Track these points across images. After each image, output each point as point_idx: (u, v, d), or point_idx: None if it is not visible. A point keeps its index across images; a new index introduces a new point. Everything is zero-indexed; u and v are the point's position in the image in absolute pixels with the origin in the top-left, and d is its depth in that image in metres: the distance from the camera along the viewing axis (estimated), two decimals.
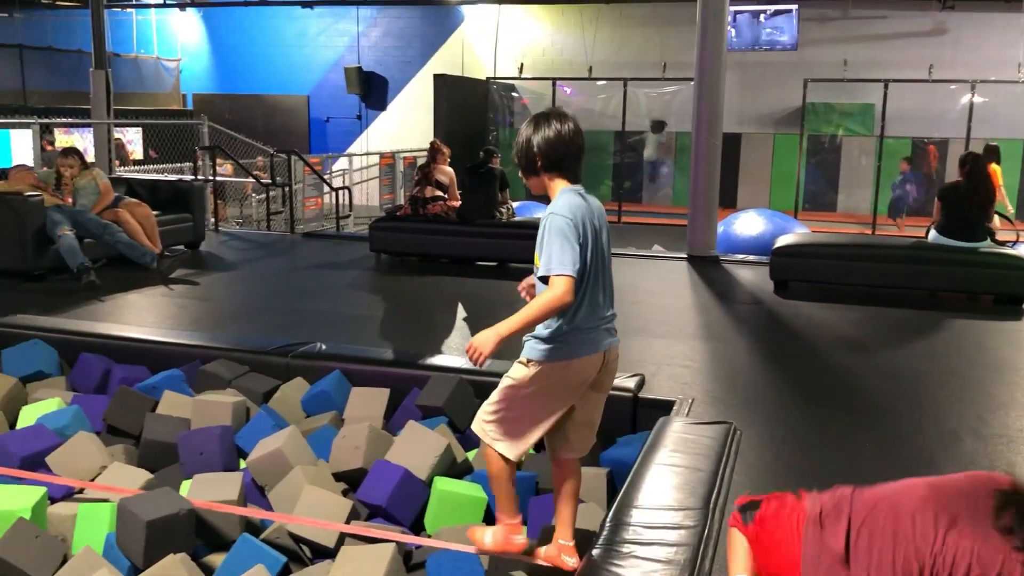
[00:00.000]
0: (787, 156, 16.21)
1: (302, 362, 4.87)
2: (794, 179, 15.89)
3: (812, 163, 16.39)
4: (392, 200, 13.61)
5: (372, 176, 15.27)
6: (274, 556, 3.26)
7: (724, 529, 2.89)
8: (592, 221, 2.69)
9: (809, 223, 12.66)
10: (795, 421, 4.10)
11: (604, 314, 2.74)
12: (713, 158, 8.46)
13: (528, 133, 2.76)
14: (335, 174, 15.22)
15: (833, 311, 6.41)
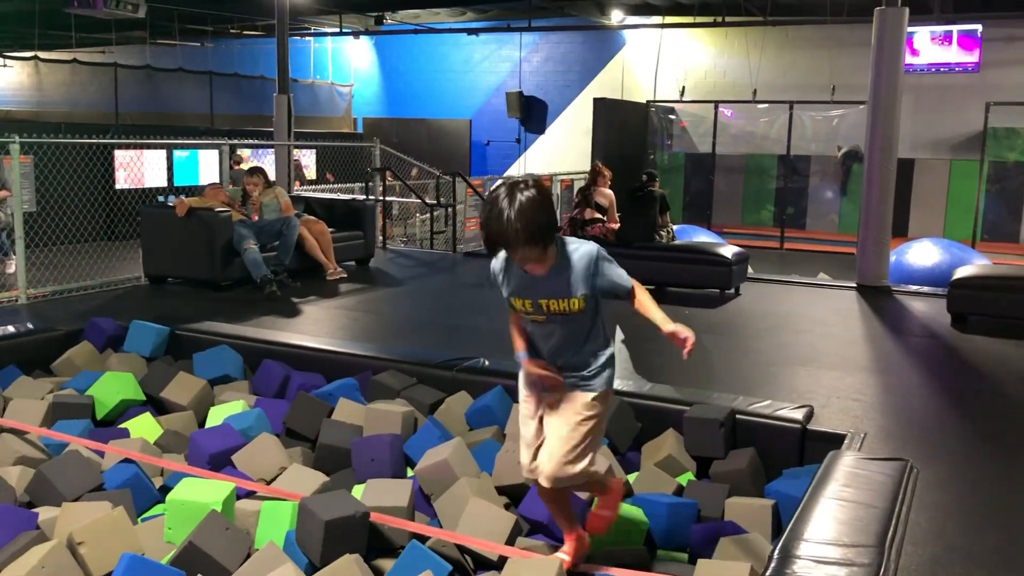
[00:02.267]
0: (964, 183, 15.32)
1: (466, 376, 5.02)
2: (972, 207, 15.01)
3: (992, 191, 15.43)
4: None
5: None
6: (441, 564, 3.36)
7: (900, 569, 2.78)
8: None
9: (989, 254, 11.92)
10: (977, 461, 3.88)
11: None
12: (887, 184, 8.14)
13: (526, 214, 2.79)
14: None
15: (1019, 348, 6.01)
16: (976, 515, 3.29)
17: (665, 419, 4.47)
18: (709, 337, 6.44)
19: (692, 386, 4.96)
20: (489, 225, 2.78)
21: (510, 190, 2.76)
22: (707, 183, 17.05)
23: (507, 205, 2.72)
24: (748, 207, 17.16)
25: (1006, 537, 3.08)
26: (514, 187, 2.76)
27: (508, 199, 2.73)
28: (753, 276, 8.94)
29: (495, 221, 2.75)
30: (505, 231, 2.73)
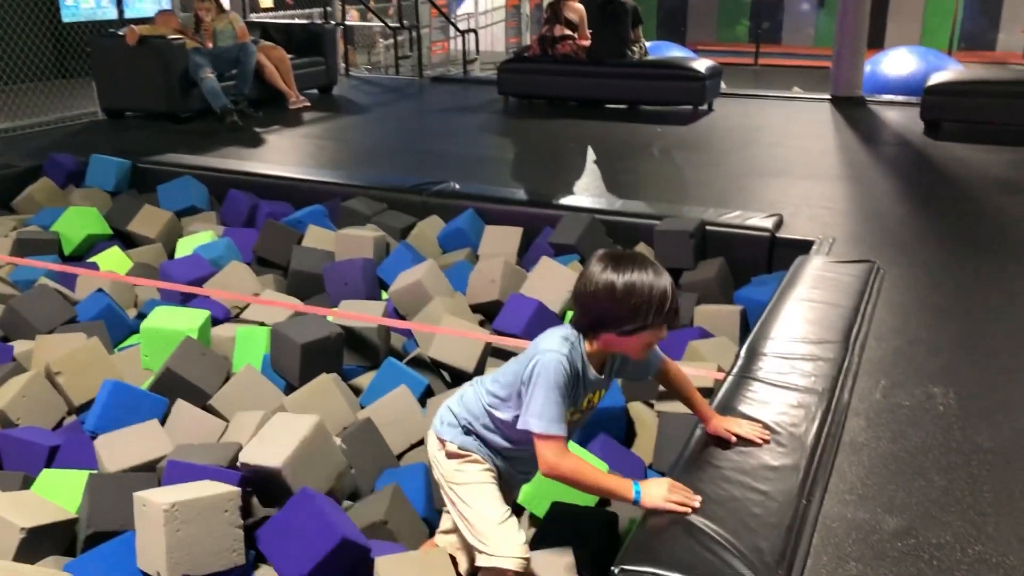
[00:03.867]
0: None
1: (437, 200, 4.97)
2: (950, 15, 14.66)
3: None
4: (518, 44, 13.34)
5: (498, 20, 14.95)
6: (417, 378, 3.43)
7: (864, 362, 2.86)
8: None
9: (966, 63, 11.74)
10: (944, 263, 3.93)
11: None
12: None
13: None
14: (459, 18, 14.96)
15: (990, 152, 6.00)
16: (938, 310, 3.37)
17: (636, 234, 4.48)
18: (681, 153, 6.39)
19: (663, 201, 4.95)
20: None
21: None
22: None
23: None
24: (723, 22, 16.70)
25: (965, 329, 3.17)
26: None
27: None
28: (727, 92, 8.78)
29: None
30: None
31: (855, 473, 2.25)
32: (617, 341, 2.05)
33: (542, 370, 2.00)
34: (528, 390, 2.02)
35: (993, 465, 2.28)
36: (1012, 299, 3.45)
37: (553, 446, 2.00)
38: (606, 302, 1.98)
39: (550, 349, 2.03)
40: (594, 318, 2.03)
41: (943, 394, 2.67)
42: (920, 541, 1.98)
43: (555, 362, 2.00)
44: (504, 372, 2.17)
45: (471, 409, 2.21)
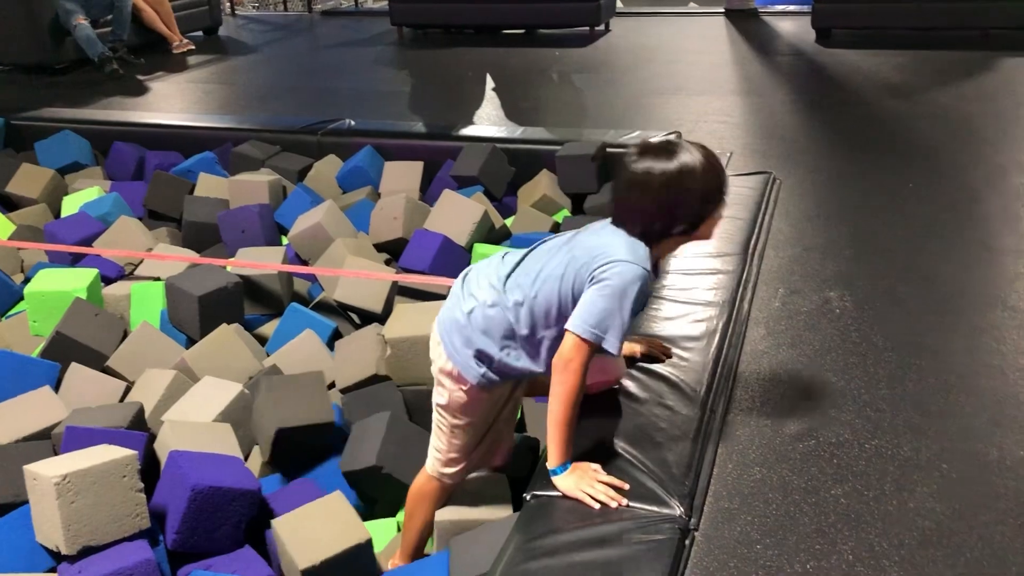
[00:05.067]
0: None
1: (333, 139, 4.83)
2: None
3: None
4: None
5: None
6: (324, 322, 3.37)
7: (762, 272, 2.91)
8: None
9: None
10: (837, 168, 4.01)
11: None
12: None
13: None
14: None
15: (878, 57, 6.12)
16: (832, 216, 3.44)
17: (538, 161, 4.44)
18: (580, 76, 6.34)
19: (563, 126, 4.91)
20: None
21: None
22: None
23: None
24: None
25: (859, 232, 3.25)
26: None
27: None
28: (623, 10, 8.71)
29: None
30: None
31: (757, 381, 2.29)
32: (684, 238, 1.86)
33: (620, 281, 1.76)
34: (595, 294, 1.77)
35: (888, 362, 2.36)
36: (903, 200, 3.55)
37: (584, 351, 1.78)
38: (677, 195, 1.78)
39: (632, 262, 1.78)
40: (667, 219, 1.81)
41: (839, 297, 2.73)
42: (820, 441, 2.04)
43: (636, 277, 1.76)
44: (535, 277, 1.86)
45: (493, 334, 1.90)
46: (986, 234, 3.17)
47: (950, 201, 3.48)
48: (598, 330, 1.77)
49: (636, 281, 1.77)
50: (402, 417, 2.78)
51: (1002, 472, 1.90)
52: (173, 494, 2.15)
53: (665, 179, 1.78)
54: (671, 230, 1.83)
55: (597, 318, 1.77)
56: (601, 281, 1.78)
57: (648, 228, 1.82)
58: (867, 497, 1.84)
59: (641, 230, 1.82)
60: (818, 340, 2.49)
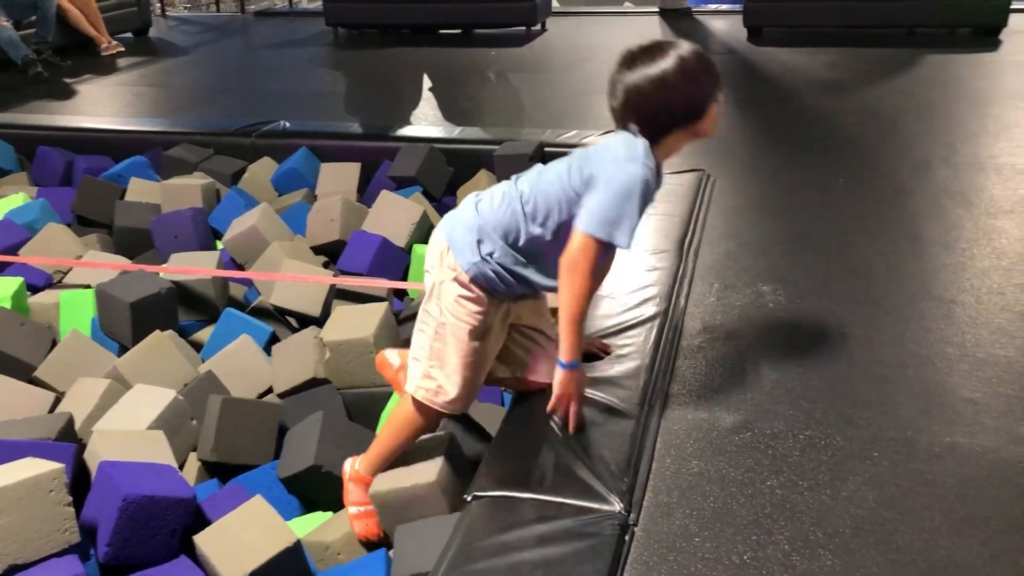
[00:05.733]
0: None
1: (267, 141, 4.77)
2: None
3: None
4: None
5: None
6: (260, 327, 3.31)
7: (697, 267, 2.94)
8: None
9: None
10: (770, 164, 4.08)
11: None
12: None
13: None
14: None
15: (808, 55, 6.24)
16: (765, 212, 3.50)
17: (477, 160, 4.44)
18: (517, 75, 6.35)
19: (502, 125, 4.92)
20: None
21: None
22: None
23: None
24: None
25: (790, 227, 3.30)
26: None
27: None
28: (559, 10, 8.76)
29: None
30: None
31: (693, 375, 2.32)
32: (687, 134, 1.89)
33: (628, 181, 1.81)
34: (601, 193, 1.82)
35: (819, 354, 2.40)
36: (834, 195, 3.62)
37: (593, 249, 1.83)
38: (673, 90, 1.82)
39: (635, 160, 1.82)
40: (665, 116, 1.85)
41: (772, 291, 2.77)
42: (756, 433, 2.06)
43: (641, 175, 1.81)
44: (541, 172, 1.94)
45: (499, 224, 1.92)
46: (913, 226, 3.25)
47: (879, 195, 3.56)
48: (607, 227, 1.82)
49: (641, 179, 1.82)
50: (339, 417, 2.75)
51: (930, 459, 1.95)
52: (104, 506, 2.10)
53: (663, 75, 1.82)
54: (675, 125, 1.87)
55: (605, 216, 1.82)
56: (607, 181, 1.83)
57: (652, 126, 1.86)
58: (802, 487, 1.87)
59: (647, 130, 1.86)
60: (753, 333, 2.53)
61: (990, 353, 2.35)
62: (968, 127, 4.51)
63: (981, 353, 2.36)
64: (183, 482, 2.27)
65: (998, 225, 3.20)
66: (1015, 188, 3.54)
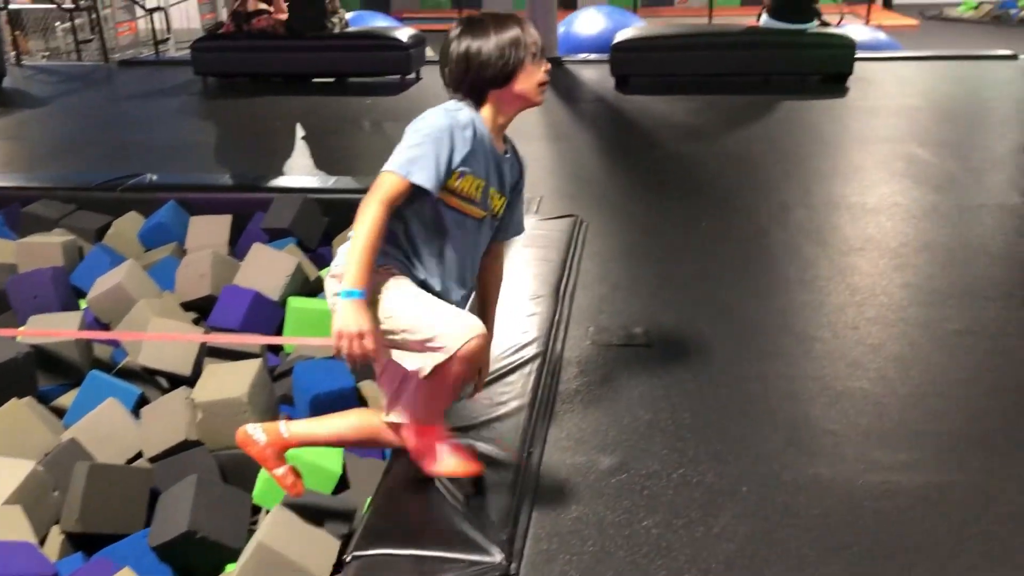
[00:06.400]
0: None
1: (134, 195, 4.61)
2: None
3: None
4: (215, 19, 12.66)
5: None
6: (127, 389, 3.18)
7: (573, 311, 3.00)
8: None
9: (648, 18, 12.63)
10: (639, 209, 4.22)
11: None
12: None
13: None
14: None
15: (673, 102, 6.51)
16: (636, 255, 3.61)
17: (353, 209, 4.35)
18: (393, 124, 6.37)
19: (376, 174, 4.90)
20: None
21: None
22: None
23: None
24: None
25: (660, 270, 3.42)
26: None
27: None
28: (433, 59, 8.85)
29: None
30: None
31: (571, 419, 2.35)
32: (509, 96, 1.95)
33: (430, 123, 1.88)
34: (406, 136, 1.89)
35: (690, 392, 2.48)
36: (700, 237, 3.77)
37: (391, 186, 1.85)
38: (479, 54, 1.91)
39: (447, 109, 1.93)
40: (476, 77, 1.93)
41: (644, 332, 2.86)
42: (632, 474, 2.11)
43: (445, 119, 1.88)
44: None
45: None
46: (773, 266, 3.42)
47: (741, 236, 3.73)
48: (405, 164, 1.85)
49: (446, 124, 1.87)
50: (214, 480, 2.66)
51: (796, 491, 2.03)
52: None
53: (471, 39, 1.93)
54: (487, 86, 1.94)
55: (404, 154, 1.86)
56: (413, 128, 1.90)
57: (466, 88, 1.95)
58: (676, 525, 1.92)
59: (465, 92, 1.96)
60: (626, 375, 2.59)
61: (847, 386, 2.48)
62: (822, 169, 4.78)
63: (839, 386, 2.49)
64: (43, 559, 2.15)
65: (851, 262, 3.40)
66: (865, 227, 3.77)
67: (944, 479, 2.06)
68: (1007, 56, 7.78)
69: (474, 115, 1.94)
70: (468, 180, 1.93)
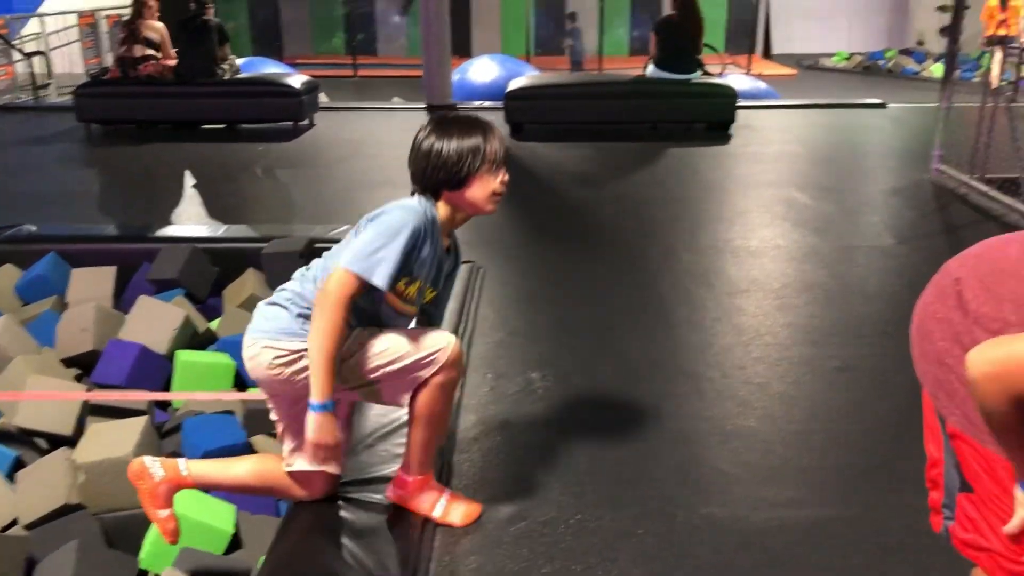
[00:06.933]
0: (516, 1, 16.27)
1: (10, 247, 4.42)
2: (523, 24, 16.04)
3: (541, 7, 16.57)
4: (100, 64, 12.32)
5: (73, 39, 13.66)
6: (2, 452, 3.02)
7: (472, 358, 3.00)
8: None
9: (541, 68, 12.94)
10: (534, 255, 4.28)
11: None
12: (442, 5, 8.30)
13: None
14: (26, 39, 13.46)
15: (565, 149, 6.65)
16: (532, 301, 3.65)
17: (244, 259, 4.32)
18: (286, 171, 6.31)
19: (270, 222, 4.85)
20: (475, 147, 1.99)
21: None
22: (272, 12, 16.28)
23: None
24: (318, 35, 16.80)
25: (556, 314, 3.47)
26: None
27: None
28: (327, 105, 8.82)
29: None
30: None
31: (470, 468, 2.35)
32: (461, 201, 2.00)
33: (393, 221, 1.89)
34: (366, 232, 1.89)
35: (587, 436, 2.51)
36: (594, 281, 3.84)
37: (349, 285, 1.85)
38: (439, 155, 1.95)
39: (401, 205, 1.94)
40: (433, 178, 1.97)
41: (541, 378, 2.88)
42: (530, 521, 2.11)
43: (412, 223, 1.90)
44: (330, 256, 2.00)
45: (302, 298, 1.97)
46: (664, 309, 3.51)
47: (633, 280, 3.82)
48: (365, 263, 1.85)
49: (411, 224, 1.89)
50: (97, 545, 2.54)
51: (690, 531, 2.07)
52: None
53: (436, 140, 1.97)
54: (442, 187, 1.98)
55: (365, 252, 1.86)
56: (374, 223, 1.90)
57: (425, 185, 1.99)
58: (575, 572, 1.93)
59: (422, 187, 2.00)
60: (525, 421, 2.61)
61: (736, 425, 2.56)
62: (708, 214, 4.96)
63: (729, 425, 2.56)
64: None
65: (736, 304, 3.52)
66: (749, 269, 3.91)
67: (828, 514, 2.14)
68: (877, 104, 8.28)
69: (432, 214, 1.98)
70: (411, 284, 1.98)
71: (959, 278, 1.36)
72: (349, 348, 1.93)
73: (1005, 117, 5.05)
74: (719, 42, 14.55)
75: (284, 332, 1.95)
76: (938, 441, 1.41)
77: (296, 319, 1.95)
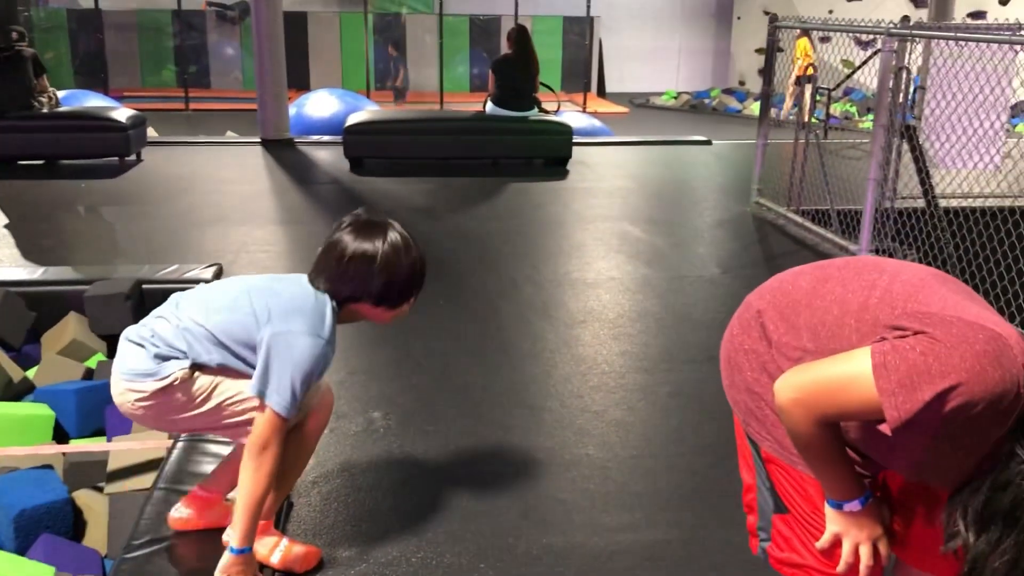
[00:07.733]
0: (354, 35, 16.21)
1: None
2: (363, 59, 16.00)
3: (379, 41, 16.57)
4: None
5: None
6: None
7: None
8: None
9: (381, 102, 12.92)
10: None
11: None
12: (276, 37, 8.18)
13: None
14: None
15: (406, 184, 6.66)
16: (372, 338, 3.60)
17: (64, 303, 4.07)
18: (111, 209, 6.01)
19: (93, 263, 4.60)
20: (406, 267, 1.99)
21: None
22: (98, 43, 15.53)
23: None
24: (147, 68, 16.16)
25: (397, 353, 3.45)
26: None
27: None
28: (156, 140, 8.48)
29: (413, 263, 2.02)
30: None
31: (308, 513, 2.29)
32: (372, 311, 1.98)
33: (295, 353, 1.84)
34: (273, 361, 1.84)
35: (428, 472, 2.50)
36: (436, 316, 3.85)
37: (279, 427, 1.84)
38: (379, 273, 1.92)
39: (308, 333, 1.86)
40: (361, 290, 1.93)
41: (383, 416, 2.86)
42: (371, 563, 2.08)
43: (312, 347, 1.85)
44: (225, 306, 1.94)
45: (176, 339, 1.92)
46: (504, 341, 3.56)
47: (475, 314, 3.86)
48: (290, 401, 1.83)
49: (319, 352, 1.87)
50: None
51: (531, 562, 2.10)
52: None
53: (377, 254, 1.92)
54: (365, 300, 1.96)
55: (287, 389, 1.83)
56: (286, 348, 1.84)
57: (345, 292, 1.94)
58: None
59: (337, 292, 1.94)
60: (366, 461, 2.58)
61: (574, 453, 2.62)
62: (547, 247, 5.08)
63: (568, 455, 2.62)
64: None
65: (575, 334, 3.62)
66: (586, 300, 4.03)
67: (661, 537, 2.22)
68: (703, 141, 8.75)
69: (333, 321, 1.93)
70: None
71: (760, 310, 1.45)
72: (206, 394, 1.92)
73: (815, 153, 5.45)
74: (555, 81, 15.01)
75: (140, 374, 1.90)
76: (751, 467, 1.50)
77: (153, 359, 1.90)
